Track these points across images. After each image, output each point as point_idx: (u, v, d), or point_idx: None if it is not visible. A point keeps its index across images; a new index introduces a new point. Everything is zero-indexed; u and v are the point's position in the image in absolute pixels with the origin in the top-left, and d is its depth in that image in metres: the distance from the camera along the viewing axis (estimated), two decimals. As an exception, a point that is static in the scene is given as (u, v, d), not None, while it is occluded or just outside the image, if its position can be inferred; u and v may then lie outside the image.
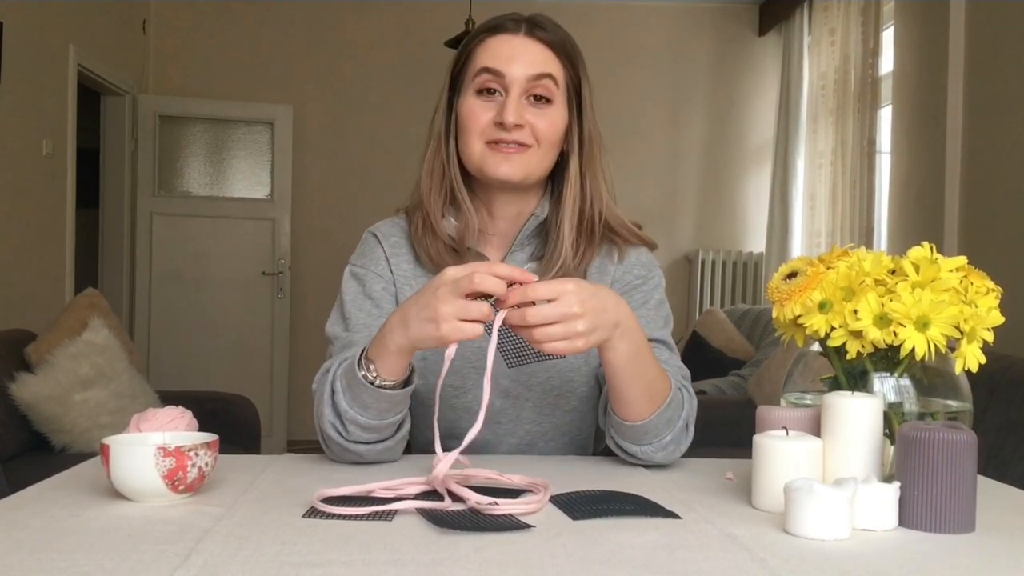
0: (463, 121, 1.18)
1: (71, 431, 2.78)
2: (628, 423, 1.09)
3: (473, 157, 1.19)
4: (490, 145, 1.17)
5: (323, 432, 1.09)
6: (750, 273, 5.38)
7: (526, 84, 1.16)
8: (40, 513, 0.85)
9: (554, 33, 1.19)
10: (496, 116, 1.16)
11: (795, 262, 1.00)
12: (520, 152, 1.17)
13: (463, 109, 1.18)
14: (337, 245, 5.04)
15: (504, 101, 1.16)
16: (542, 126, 1.17)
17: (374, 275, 1.24)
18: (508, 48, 1.17)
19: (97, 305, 3.10)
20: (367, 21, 5.38)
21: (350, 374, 1.04)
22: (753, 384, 3.45)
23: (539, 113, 1.17)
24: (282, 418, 5.18)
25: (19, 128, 3.67)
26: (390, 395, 1.03)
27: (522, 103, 1.16)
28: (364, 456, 1.10)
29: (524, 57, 1.16)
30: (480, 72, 1.16)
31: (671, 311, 1.28)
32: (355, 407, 1.04)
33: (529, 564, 0.71)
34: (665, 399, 1.08)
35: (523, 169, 1.18)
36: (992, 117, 3.07)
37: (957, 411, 0.93)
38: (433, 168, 1.22)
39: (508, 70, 1.15)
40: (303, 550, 0.74)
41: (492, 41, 1.18)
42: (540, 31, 1.18)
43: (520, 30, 1.18)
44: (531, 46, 1.17)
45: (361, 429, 1.06)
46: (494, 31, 1.19)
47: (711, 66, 5.49)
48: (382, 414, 1.05)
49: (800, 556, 0.75)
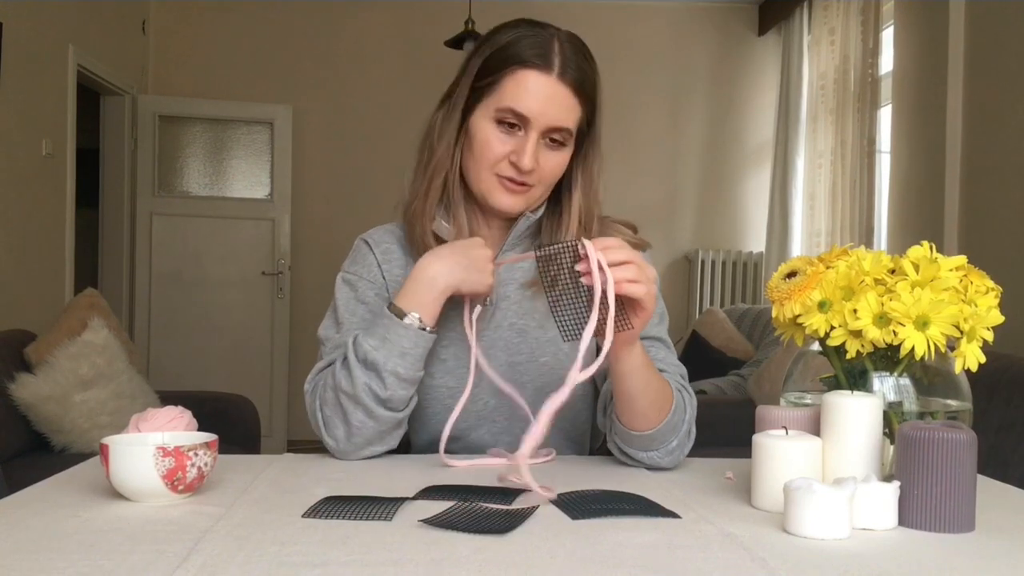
0: (477, 147, 1.18)
1: (71, 431, 2.78)
2: (637, 432, 1.10)
3: (480, 186, 1.19)
4: (497, 179, 1.18)
5: (353, 399, 1.10)
6: (750, 273, 5.38)
7: (546, 131, 1.16)
8: (40, 513, 0.85)
9: (580, 71, 1.17)
10: (513, 156, 1.16)
11: (795, 261, 1.00)
12: (524, 191, 1.19)
13: (479, 133, 1.18)
14: (337, 245, 5.03)
15: (523, 141, 1.16)
16: (550, 167, 1.18)
17: (367, 282, 1.25)
18: (538, 90, 1.14)
19: (97, 305, 3.10)
20: (367, 21, 5.38)
21: (381, 329, 1.10)
22: (753, 384, 3.45)
23: (549, 154, 1.18)
24: (282, 418, 5.18)
25: (19, 128, 3.67)
26: (427, 338, 1.11)
27: (539, 144, 1.17)
28: (384, 424, 1.11)
29: (549, 102, 1.15)
30: (505, 110, 1.16)
31: (666, 309, 1.28)
32: (393, 357, 1.09)
33: (529, 564, 0.71)
34: (671, 407, 1.10)
35: (524, 204, 1.21)
36: (992, 116, 3.07)
37: (957, 410, 0.93)
38: (436, 173, 1.21)
39: (534, 115, 1.15)
40: (302, 550, 0.74)
41: (523, 76, 1.15)
42: (570, 71, 1.16)
43: (552, 70, 1.15)
44: (560, 92, 1.15)
45: (399, 382, 1.10)
46: (526, 64, 1.15)
47: (711, 66, 5.49)
48: (416, 363, 1.11)
49: (800, 555, 0.75)
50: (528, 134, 1.15)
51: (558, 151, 1.18)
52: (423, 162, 1.23)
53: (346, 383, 1.11)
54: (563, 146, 1.18)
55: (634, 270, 0.97)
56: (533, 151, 1.15)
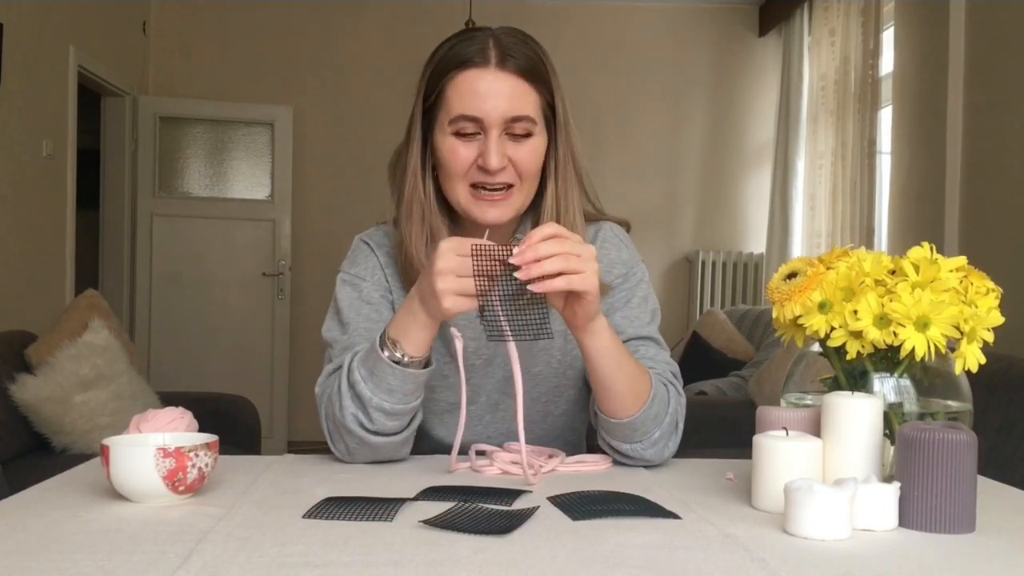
0: (444, 162, 1.15)
1: (71, 432, 2.78)
2: (616, 420, 1.10)
3: (459, 201, 1.16)
4: (473, 191, 1.15)
5: (343, 427, 1.09)
6: (750, 274, 5.38)
7: (504, 125, 1.12)
8: (40, 514, 0.85)
9: (523, 57, 1.13)
10: (480, 161, 1.13)
11: (795, 262, 1.00)
12: (506, 197, 1.15)
13: (443, 149, 1.15)
14: (338, 246, 5.02)
15: (485, 143, 1.12)
16: (522, 158, 1.14)
17: (370, 283, 1.23)
18: (481, 87, 1.11)
19: (97, 306, 3.10)
20: (367, 22, 5.38)
21: (371, 360, 1.06)
22: (753, 385, 3.45)
23: (518, 147, 1.14)
24: (282, 419, 5.17)
25: (19, 129, 3.67)
26: (415, 375, 1.06)
27: (502, 140, 1.13)
28: (380, 450, 1.10)
29: (499, 96, 1.11)
30: (457, 119, 1.12)
31: (658, 306, 1.27)
32: (380, 393, 1.06)
33: (529, 564, 0.71)
34: (649, 394, 1.09)
35: (511, 211, 1.17)
36: (992, 117, 3.07)
37: (957, 411, 0.93)
38: (412, 208, 1.18)
39: (485, 113, 1.11)
40: (303, 551, 0.74)
41: (462, 79, 1.12)
42: (511, 59, 1.12)
43: (490, 63, 1.12)
44: (504, 81, 1.12)
45: (386, 416, 1.07)
46: (463, 66, 1.12)
47: (711, 67, 5.49)
48: (406, 397, 1.07)
49: (800, 556, 0.75)
50: (488, 134, 1.12)
51: (525, 142, 1.14)
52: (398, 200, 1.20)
53: (337, 411, 1.09)
54: (529, 136, 1.14)
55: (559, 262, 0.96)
56: (497, 148, 1.12)
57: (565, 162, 1.20)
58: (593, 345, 1.05)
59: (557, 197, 1.20)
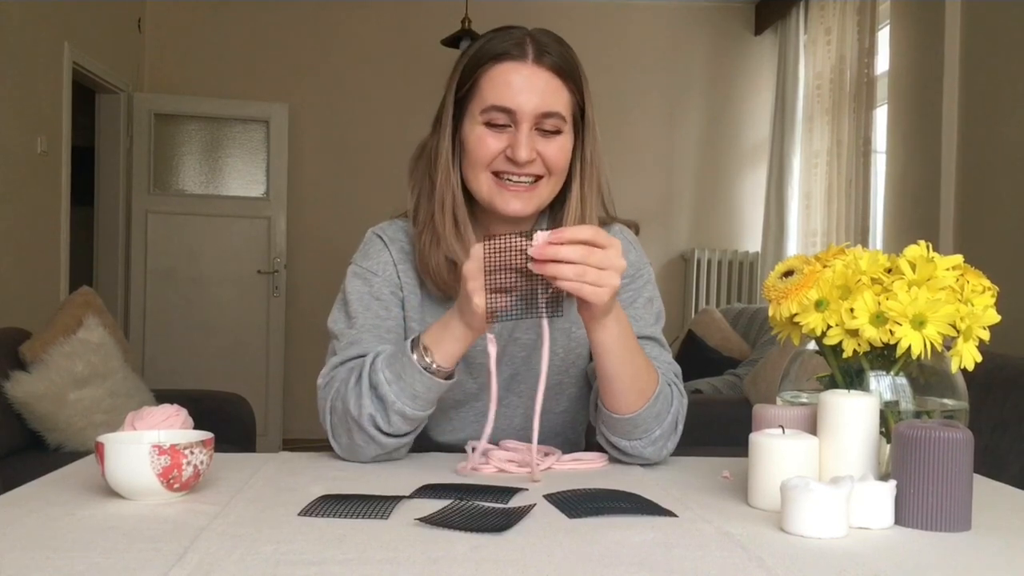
0: (471, 150, 1.15)
1: (66, 430, 2.77)
2: (618, 416, 1.09)
3: (481, 190, 1.16)
4: (498, 179, 1.15)
5: (356, 424, 1.08)
6: (746, 272, 5.38)
7: (535, 119, 1.13)
8: (35, 511, 0.85)
9: (559, 55, 1.15)
10: (509, 152, 1.13)
11: (792, 260, 1.00)
12: (531, 189, 1.15)
13: (471, 137, 1.15)
14: (333, 243, 5.04)
15: (515, 135, 1.13)
16: (552, 154, 1.15)
17: (381, 279, 1.22)
18: (516, 80, 1.12)
19: (92, 303, 3.09)
20: (363, 19, 5.37)
21: (400, 363, 1.06)
22: (749, 383, 3.45)
23: (548, 143, 1.15)
24: (277, 417, 5.17)
25: (14, 126, 3.66)
26: (440, 384, 1.06)
27: (532, 135, 1.14)
28: (386, 448, 1.10)
29: (532, 90, 1.12)
30: (489, 109, 1.13)
31: (663, 307, 1.28)
32: (404, 397, 1.06)
33: (526, 562, 0.71)
34: (654, 391, 1.09)
35: (535, 203, 1.17)
36: (987, 116, 3.08)
37: (953, 409, 0.94)
38: (444, 199, 1.18)
39: (518, 105, 1.12)
40: (299, 548, 0.74)
41: (498, 71, 1.13)
42: (547, 56, 1.13)
43: (527, 57, 1.13)
44: (539, 76, 1.13)
45: (404, 420, 1.07)
46: (500, 58, 1.14)
47: (707, 65, 5.49)
48: (428, 405, 1.08)
49: (796, 554, 0.75)
50: (519, 127, 1.13)
51: (555, 139, 1.15)
52: (425, 189, 1.20)
53: (354, 407, 1.08)
54: (559, 133, 1.15)
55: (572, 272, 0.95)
56: (527, 141, 1.12)
57: (591, 164, 1.20)
58: (599, 338, 1.05)
59: (582, 198, 1.20)
